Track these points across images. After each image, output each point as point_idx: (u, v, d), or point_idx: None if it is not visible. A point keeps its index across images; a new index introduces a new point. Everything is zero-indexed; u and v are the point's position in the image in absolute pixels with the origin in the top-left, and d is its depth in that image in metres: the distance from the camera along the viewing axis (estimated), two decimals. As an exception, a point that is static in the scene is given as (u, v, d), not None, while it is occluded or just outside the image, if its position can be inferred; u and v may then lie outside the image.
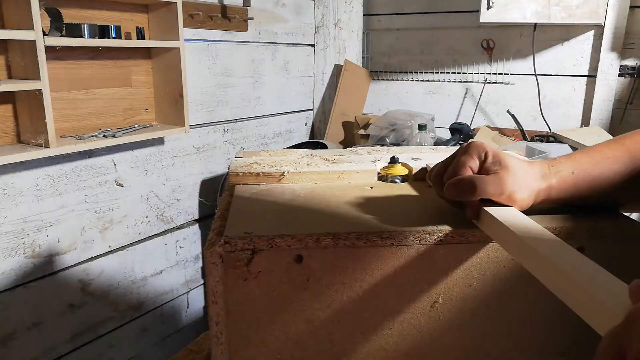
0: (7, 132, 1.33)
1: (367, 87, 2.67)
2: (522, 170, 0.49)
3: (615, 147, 0.52)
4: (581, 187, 0.51)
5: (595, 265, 0.36)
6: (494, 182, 0.47)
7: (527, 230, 0.43)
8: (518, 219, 0.45)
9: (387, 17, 2.57)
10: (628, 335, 0.27)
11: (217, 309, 0.48)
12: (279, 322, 0.49)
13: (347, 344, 0.50)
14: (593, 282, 0.33)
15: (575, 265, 0.36)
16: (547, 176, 0.50)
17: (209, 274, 0.47)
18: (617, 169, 0.51)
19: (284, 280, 0.48)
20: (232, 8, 1.97)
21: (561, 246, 0.40)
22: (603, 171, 0.51)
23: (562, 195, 0.51)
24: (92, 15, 1.47)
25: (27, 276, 1.46)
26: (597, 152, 0.52)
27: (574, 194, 0.51)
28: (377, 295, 0.49)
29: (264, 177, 0.64)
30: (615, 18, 2.04)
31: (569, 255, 0.38)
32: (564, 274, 0.35)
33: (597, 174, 0.51)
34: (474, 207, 0.49)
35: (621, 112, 2.11)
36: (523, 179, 0.48)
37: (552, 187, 0.50)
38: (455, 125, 2.20)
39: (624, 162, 0.51)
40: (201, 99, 1.92)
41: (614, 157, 0.51)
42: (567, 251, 0.39)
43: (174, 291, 1.96)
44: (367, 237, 0.47)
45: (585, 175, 0.51)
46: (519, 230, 0.42)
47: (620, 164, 0.51)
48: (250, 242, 0.46)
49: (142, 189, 1.75)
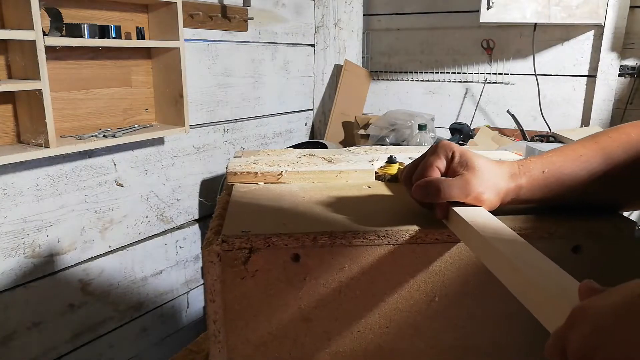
0: (7, 132, 1.34)
1: (367, 87, 2.67)
2: (490, 170, 0.48)
3: (589, 146, 0.51)
4: (552, 186, 0.50)
5: (553, 265, 0.36)
6: (459, 185, 0.47)
7: (491, 229, 0.43)
8: (483, 218, 0.45)
9: (387, 17, 2.58)
10: (568, 334, 0.27)
11: (215, 307, 0.48)
12: (276, 320, 0.49)
13: (344, 342, 0.50)
14: (547, 280, 0.33)
15: (531, 263, 0.36)
16: (516, 176, 0.50)
17: (207, 272, 0.47)
18: (590, 168, 0.50)
19: (281, 279, 0.48)
20: (232, 8, 1.97)
21: (522, 245, 0.39)
22: (575, 170, 0.50)
23: (532, 194, 0.50)
24: (92, 15, 1.48)
25: (27, 276, 1.46)
26: (570, 150, 0.52)
27: (545, 193, 0.50)
28: (373, 294, 0.49)
29: (262, 177, 0.64)
30: (615, 18, 2.04)
31: (527, 254, 0.38)
32: (519, 271, 0.35)
33: (569, 173, 0.50)
34: (442, 207, 0.49)
35: (621, 112, 2.11)
36: (490, 180, 0.48)
37: (522, 187, 0.50)
38: (455, 125, 2.20)
39: (597, 160, 0.50)
40: (201, 99, 1.92)
41: (586, 155, 0.50)
42: (527, 250, 0.38)
43: (174, 291, 1.97)
44: (363, 236, 0.47)
45: (557, 174, 0.50)
46: (481, 228, 0.42)
47: (592, 162, 0.50)
48: (248, 241, 0.47)
49: (142, 189, 1.76)
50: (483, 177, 0.48)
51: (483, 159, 0.49)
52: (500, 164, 0.50)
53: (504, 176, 0.49)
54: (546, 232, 0.49)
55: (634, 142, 0.50)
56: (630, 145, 0.50)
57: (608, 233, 0.50)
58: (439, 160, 0.49)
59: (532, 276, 0.34)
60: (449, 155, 0.49)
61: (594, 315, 0.27)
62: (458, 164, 0.49)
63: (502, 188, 0.49)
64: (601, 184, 0.50)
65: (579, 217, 0.51)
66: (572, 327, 0.28)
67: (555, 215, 0.51)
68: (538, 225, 0.49)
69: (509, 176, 0.50)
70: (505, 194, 0.49)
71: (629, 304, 0.26)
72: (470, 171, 0.48)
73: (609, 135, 0.52)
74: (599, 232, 0.50)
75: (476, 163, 0.48)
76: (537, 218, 0.51)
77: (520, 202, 0.51)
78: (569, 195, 0.51)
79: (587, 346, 0.26)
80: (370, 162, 0.70)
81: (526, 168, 0.50)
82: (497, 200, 0.49)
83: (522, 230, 0.49)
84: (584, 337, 0.27)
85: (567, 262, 0.50)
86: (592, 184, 0.50)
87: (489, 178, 0.48)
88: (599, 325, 0.27)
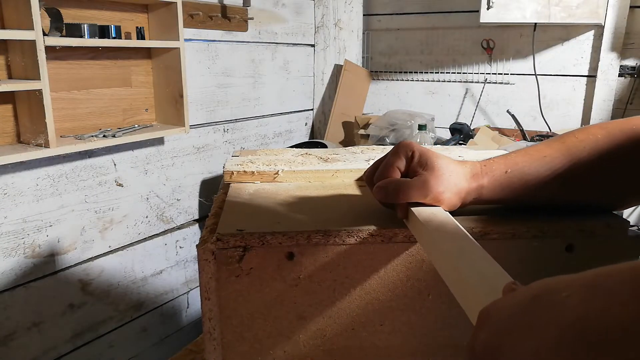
0: (7, 132, 1.34)
1: (367, 87, 2.67)
2: (450, 170, 0.48)
3: (554, 146, 0.51)
4: (515, 186, 0.50)
5: (494, 267, 0.35)
6: (418, 185, 0.47)
7: (442, 228, 0.42)
8: (439, 217, 0.45)
9: (387, 17, 2.58)
10: (477, 336, 0.27)
11: (210, 305, 0.48)
12: (271, 318, 0.49)
13: (338, 340, 0.50)
14: (481, 281, 0.33)
15: (472, 263, 0.36)
16: (478, 176, 0.49)
17: (202, 270, 0.48)
18: (555, 168, 0.49)
19: (275, 277, 0.48)
20: (232, 8, 1.98)
21: (470, 246, 0.39)
22: (539, 170, 0.49)
23: (494, 195, 0.50)
24: (92, 15, 1.48)
25: (27, 276, 1.46)
26: (535, 151, 0.51)
27: (508, 193, 0.50)
28: (367, 292, 0.49)
29: (258, 176, 0.65)
30: (615, 18, 2.04)
31: (471, 255, 0.37)
32: (457, 270, 0.35)
33: (533, 173, 0.49)
34: (402, 208, 0.48)
35: (621, 112, 2.11)
36: (450, 180, 0.48)
37: (484, 187, 0.49)
38: (455, 125, 2.20)
39: (562, 160, 0.50)
40: (201, 99, 1.93)
41: (551, 155, 0.50)
42: (472, 251, 0.38)
43: (174, 291, 1.97)
44: (357, 235, 0.48)
45: (521, 175, 0.50)
46: (432, 227, 0.42)
47: (557, 163, 0.50)
48: (242, 239, 0.47)
49: (142, 189, 1.76)
50: (443, 177, 0.47)
51: (444, 158, 0.49)
52: (462, 164, 0.50)
53: (465, 176, 0.49)
54: (539, 232, 0.49)
55: (601, 142, 0.49)
56: (597, 145, 0.49)
57: (601, 232, 0.50)
58: (399, 160, 0.49)
59: (467, 276, 0.34)
60: (409, 155, 0.49)
61: (495, 316, 0.27)
62: (417, 164, 0.48)
63: (463, 188, 0.49)
64: (565, 185, 0.50)
65: (572, 216, 0.51)
66: (479, 328, 0.28)
67: (548, 215, 0.51)
68: (531, 225, 0.49)
69: (470, 176, 0.49)
70: (466, 193, 0.49)
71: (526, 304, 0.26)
72: (430, 171, 0.47)
73: (575, 135, 0.51)
74: (592, 231, 0.50)
75: (436, 163, 0.48)
76: (531, 218, 0.51)
77: (483, 203, 0.51)
78: (532, 196, 0.50)
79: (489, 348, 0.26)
80: (366, 161, 0.70)
81: (489, 168, 0.50)
82: (458, 200, 0.49)
83: (515, 230, 0.49)
84: (486, 339, 0.27)
85: (560, 261, 0.50)
86: (556, 185, 0.50)
87: (449, 178, 0.48)
88: (498, 327, 0.26)
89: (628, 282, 0.23)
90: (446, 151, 0.80)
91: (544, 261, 0.50)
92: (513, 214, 0.52)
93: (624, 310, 0.22)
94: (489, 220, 0.50)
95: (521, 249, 0.49)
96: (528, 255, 0.50)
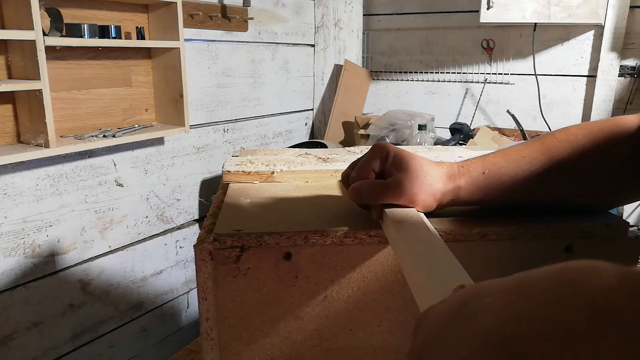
0: (7, 132, 1.34)
1: (367, 87, 2.67)
2: (424, 171, 0.47)
3: (534, 147, 0.50)
4: (493, 187, 0.49)
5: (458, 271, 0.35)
6: (391, 187, 0.47)
7: (412, 229, 0.42)
8: (411, 219, 0.45)
9: (387, 17, 2.58)
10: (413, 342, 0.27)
11: (207, 305, 0.48)
12: (268, 318, 0.49)
13: (335, 340, 0.50)
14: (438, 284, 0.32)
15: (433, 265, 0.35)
16: (455, 177, 0.49)
17: (199, 270, 0.48)
18: (533, 169, 0.49)
19: (272, 277, 0.48)
20: (232, 8, 1.98)
21: (436, 248, 0.39)
22: (517, 171, 0.49)
23: (472, 196, 0.49)
24: (92, 15, 1.48)
25: (27, 276, 1.46)
26: (513, 152, 0.51)
27: (486, 194, 0.49)
28: (365, 292, 0.49)
29: (256, 176, 0.65)
30: (615, 18, 2.04)
31: (436, 257, 0.37)
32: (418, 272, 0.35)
33: (511, 174, 0.49)
34: (377, 209, 0.48)
35: (621, 112, 2.11)
36: (425, 181, 0.47)
37: (461, 188, 0.49)
38: (455, 125, 2.20)
39: (541, 161, 0.49)
40: (201, 99, 1.93)
41: (529, 156, 0.49)
42: (437, 253, 0.38)
43: (174, 291, 1.97)
44: (354, 235, 0.48)
45: (498, 176, 0.49)
46: (402, 228, 0.42)
47: (536, 163, 0.49)
48: (239, 239, 0.47)
49: (142, 189, 1.76)
50: (417, 178, 0.47)
51: (419, 159, 0.48)
52: (438, 165, 0.49)
53: (441, 177, 0.48)
54: (538, 232, 0.49)
55: (581, 143, 0.49)
56: (577, 145, 0.49)
57: (600, 233, 0.50)
58: (374, 161, 0.49)
59: (424, 278, 0.34)
60: (383, 156, 0.49)
61: (427, 322, 0.27)
62: (391, 165, 0.48)
63: (438, 189, 0.48)
64: (544, 185, 0.49)
65: (572, 217, 0.51)
66: (414, 334, 0.27)
67: (547, 215, 0.51)
68: (530, 226, 0.49)
69: (447, 177, 0.49)
70: (442, 195, 0.48)
71: (454, 311, 0.25)
72: (404, 172, 0.47)
73: (555, 135, 0.51)
74: (591, 231, 0.50)
75: (410, 164, 0.47)
76: (530, 219, 0.51)
77: (460, 204, 0.50)
78: (510, 197, 0.50)
79: (419, 355, 0.26)
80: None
81: (466, 169, 0.49)
82: (433, 201, 0.48)
83: (514, 230, 0.49)
84: (418, 346, 0.26)
85: (560, 261, 0.50)
86: (535, 185, 0.49)
87: (423, 179, 0.47)
88: (429, 334, 0.26)
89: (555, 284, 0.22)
90: (446, 151, 0.79)
91: (543, 262, 0.49)
92: (513, 214, 0.52)
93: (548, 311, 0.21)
94: (489, 220, 0.50)
95: (520, 249, 0.49)
96: (527, 256, 0.50)
